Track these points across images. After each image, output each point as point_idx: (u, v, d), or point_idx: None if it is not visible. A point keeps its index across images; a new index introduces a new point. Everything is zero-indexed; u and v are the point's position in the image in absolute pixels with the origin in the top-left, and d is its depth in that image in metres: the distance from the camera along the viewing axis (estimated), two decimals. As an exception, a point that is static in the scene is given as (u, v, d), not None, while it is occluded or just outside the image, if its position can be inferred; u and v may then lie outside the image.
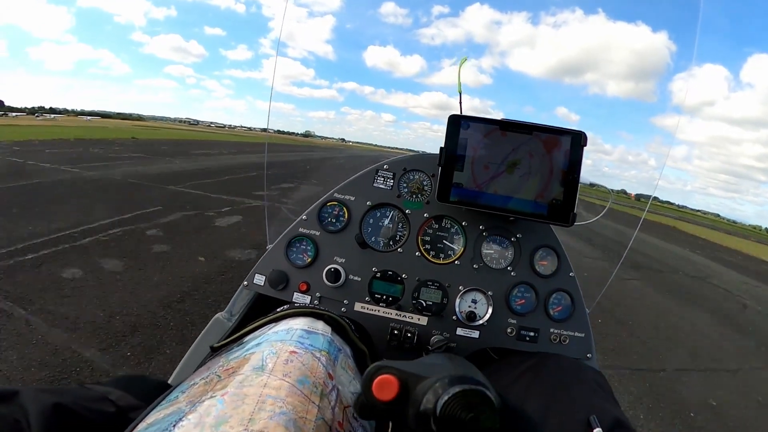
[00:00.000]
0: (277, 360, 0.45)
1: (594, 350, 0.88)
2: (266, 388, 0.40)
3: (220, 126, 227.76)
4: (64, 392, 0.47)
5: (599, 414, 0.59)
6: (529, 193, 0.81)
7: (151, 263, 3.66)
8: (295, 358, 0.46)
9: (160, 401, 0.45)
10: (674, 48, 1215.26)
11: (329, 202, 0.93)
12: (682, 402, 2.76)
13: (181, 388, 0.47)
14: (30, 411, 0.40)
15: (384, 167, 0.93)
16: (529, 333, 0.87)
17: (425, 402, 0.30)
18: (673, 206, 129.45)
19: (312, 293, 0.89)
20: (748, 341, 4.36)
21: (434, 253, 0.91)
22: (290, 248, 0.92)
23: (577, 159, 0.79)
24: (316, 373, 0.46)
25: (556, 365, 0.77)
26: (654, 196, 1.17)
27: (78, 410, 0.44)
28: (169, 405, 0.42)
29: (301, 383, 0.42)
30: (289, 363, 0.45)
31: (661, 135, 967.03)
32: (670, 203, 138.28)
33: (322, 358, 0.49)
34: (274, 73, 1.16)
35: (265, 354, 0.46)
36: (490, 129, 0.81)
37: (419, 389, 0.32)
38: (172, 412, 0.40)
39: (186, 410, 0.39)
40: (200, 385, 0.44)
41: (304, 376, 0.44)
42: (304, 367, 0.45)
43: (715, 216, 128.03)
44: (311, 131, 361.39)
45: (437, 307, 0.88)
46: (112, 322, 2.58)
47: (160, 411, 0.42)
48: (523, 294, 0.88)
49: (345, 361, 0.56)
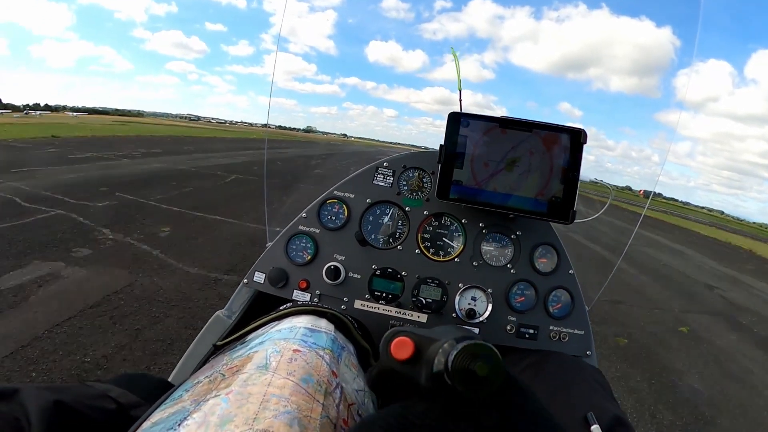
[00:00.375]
0: (281, 358, 0.45)
1: (593, 347, 0.89)
2: (270, 387, 0.40)
3: (221, 122, 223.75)
4: (65, 390, 0.47)
5: (598, 411, 0.59)
6: (528, 191, 0.81)
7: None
8: (298, 356, 0.46)
9: (164, 400, 0.45)
10: (678, 43, 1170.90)
11: (329, 200, 0.93)
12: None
13: (185, 386, 0.47)
14: (30, 409, 0.40)
15: (384, 164, 0.93)
16: (528, 330, 0.88)
17: (437, 361, 0.34)
18: (677, 203, 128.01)
19: (312, 291, 0.90)
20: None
21: (434, 250, 0.91)
22: (290, 246, 0.92)
23: (577, 156, 0.79)
24: (320, 371, 0.46)
25: (556, 363, 0.77)
26: (654, 191, 1.17)
27: (79, 408, 0.44)
28: (174, 404, 0.42)
29: (305, 382, 0.42)
30: (292, 361, 0.45)
31: (665, 131, 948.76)
32: (675, 200, 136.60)
33: (326, 356, 0.49)
34: (274, 68, 1.15)
35: (269, 352, 0.47)
36: (490, 126, 0.81)
37: (431, 350, 0.36)
38: (176, 411, 0.40)
39: (190, 409, 0.39)
40: (204, 384, 0.44)
41: (308, 374, 0.44)
42: (307, 365, 0.45)
43: (720, 213, 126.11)
44: (312, 127, 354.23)
45: (437, 305, 0.88)
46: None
47: (164, 410, 0.42)
48: (522, 291, 0.89)
49: (348, 358, 0.56)
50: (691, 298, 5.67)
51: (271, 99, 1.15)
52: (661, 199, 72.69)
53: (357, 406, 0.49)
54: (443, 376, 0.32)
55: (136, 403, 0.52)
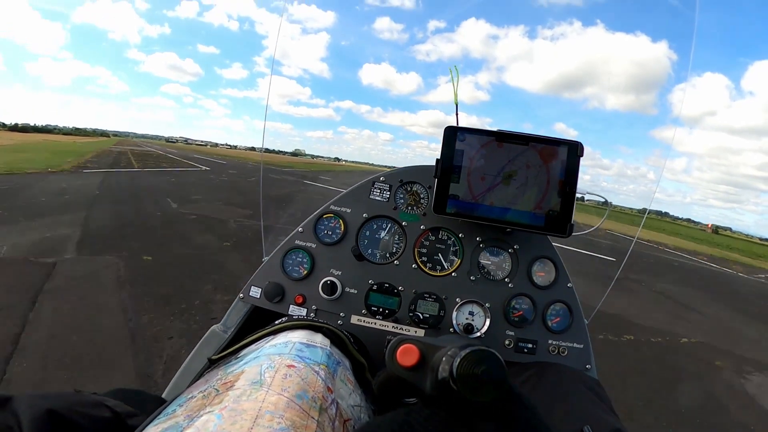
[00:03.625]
0: (276, 374, 0.44)
1: (593, 361, 0.88)
2: (264, 403, 0.39)
3: (202, 144, 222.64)
4: (58, 398, 0.45)
5: (596, 424, 0.58)
6: (526, 204, 0.81)
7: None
8: (293, 372, 0.46)
9: (158, 414, 0.44)
10: (675, 57, 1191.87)
11: (325, 214, 0.93)
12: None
13: (178, 401, 0.46)
14: (23, 417, 0.39)
15: (380, 179, 0.94)
16: (527, 345, 0.86)
17: (441, 368, 0.35)
18: (683, 222, 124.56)
19: (308, 306, 0.89)
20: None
21: (431, 265, 0.90)
22: (286, 260, 0.91)
23: (574, 169, 0.79)
24: (315, 387, 0.45)
25: (555, 374, 0.76)
26: (649, 209, 1.18)
27: (72, 416, 0.43)
28: (167, 419, 0.41)
29: (299, 398, 0.42)
30: (287, 377, 0.44)
31: (661, 147, 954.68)
32: (689, 219, 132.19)
33: (321, 372, 0.49)
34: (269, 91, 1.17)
35: (263, 368, 0.46)
36: (487, 140, 0.82)
37: (436, 357, 0.37)
38: (169, 426, 0.39)
39: (184, 425, 0.38)
40: (198, 399, 0.43)
41: (302, 390, 0.43)
42: (302, 381, 0.45)
43: (726, 230, 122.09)
44: (301, 150, 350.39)
45: (434, 320, 0.87)
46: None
47: (157, 425, 0.41)
48: (520, 305, 0.88)
49: (344, 373, 0.55)
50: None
51: (266, 123, 1.15)
52: (669, 219, 68.34)
53: (353, 422, 0.48)
54: (448, 382, 0.33)
55: (131, 413, 0.51)
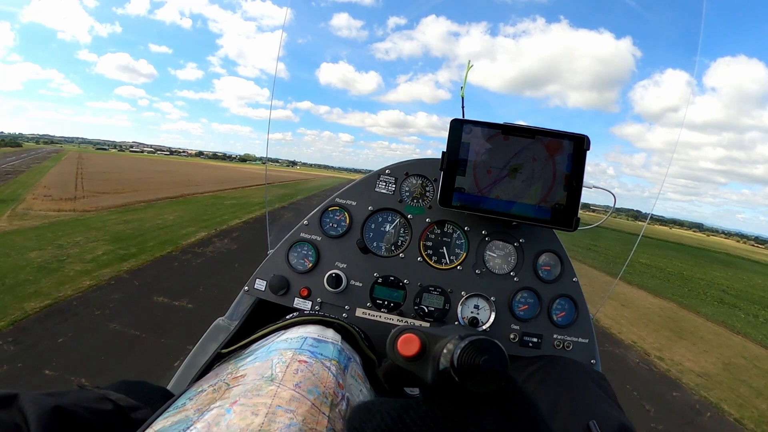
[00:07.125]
0: (287, 369, 0.44)
1: (598, 356, 0.88)
2: (276, 398, 0.39)
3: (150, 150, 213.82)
4: (64, 395, 0.46)
5: (602, 419, 0.58)
6: (531, 198, 0.80)
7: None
8: (304, 367, 0.45)
9: (167, 407, 0.44)
10: (639, 54, 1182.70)
11: (331, 207, 0.92)
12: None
13: (188, 394, 0.46)
14: (29, 415, 0.39)
15: (386, 172, 0.93)
16: (532, 339, 0.86)
17: (443, 358, 0.34)
18: (684, 225, 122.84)
19: (313, 299, 0.88)
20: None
21: (436, 258, 0.90)
22: (291, 253, 0.91)
23: (580, 163, 0.79)
24: (326, 383, 0.45)
25: (561, 368, 0.76)
26: (652, 214, 1.18)
27: (78, 412, 0.44)
28: (177, 412, 0.41)
29: (311, 393, 0.41)
30: (298, 372, 0.44)
31: (621, 144, 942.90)
32: (697, 223, 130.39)
33: (332, 368, 0.48)
34: (271, 95, 1.15)
35: (275, 362, 0.46)
36: (492, 133, 0.81)
37: (437, 347, 0.37)
38: (179, 420, 0.39)
39: (194, 418, 0.38)
40: (208, 393, 0.43)
41: (314, 386, 0.43)
42: (314, 376, 0.44)
43: (737, 235, 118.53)
44: (251, 154, 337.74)
45: (439, 313, 0.87)
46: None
47: (167, 418, 0.41)
48: (526, 299, 0.88)
49: (355, 369, 0.55)
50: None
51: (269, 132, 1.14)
52: (677, 225, 65.22)
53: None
54: (449, 373, 0.32)
55: (135, 406, 0.51)
